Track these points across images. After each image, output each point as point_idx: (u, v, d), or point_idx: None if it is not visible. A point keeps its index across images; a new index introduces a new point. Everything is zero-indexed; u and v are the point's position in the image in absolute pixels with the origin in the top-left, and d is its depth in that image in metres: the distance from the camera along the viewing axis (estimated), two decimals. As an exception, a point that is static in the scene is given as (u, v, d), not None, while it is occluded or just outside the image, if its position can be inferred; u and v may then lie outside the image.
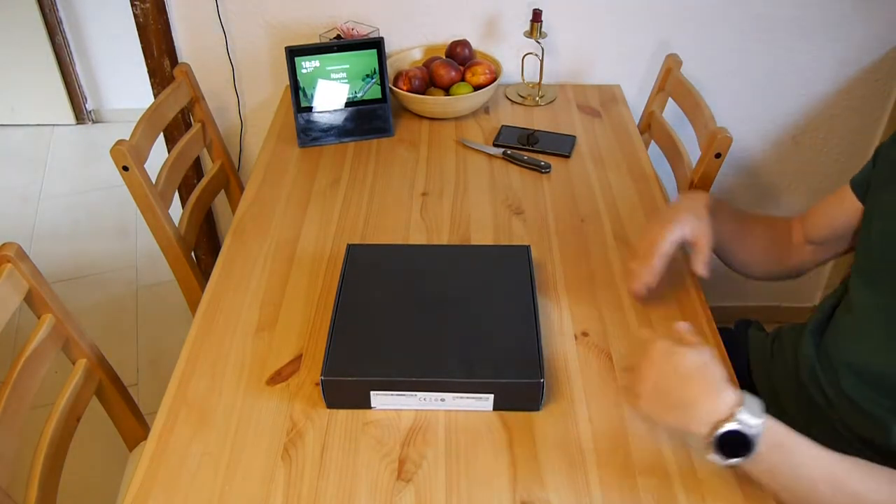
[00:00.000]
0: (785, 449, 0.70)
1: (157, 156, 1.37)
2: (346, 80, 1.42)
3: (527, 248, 1.05)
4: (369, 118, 1.45)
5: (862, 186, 0.99)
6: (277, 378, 0.93)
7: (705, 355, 0.74)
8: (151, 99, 1.47)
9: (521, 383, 0.85)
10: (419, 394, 0.86)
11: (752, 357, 1.15)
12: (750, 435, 0.69)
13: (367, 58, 1.41)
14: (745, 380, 1.13)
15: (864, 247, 0.95)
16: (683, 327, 0.79)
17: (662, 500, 0.78)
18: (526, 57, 1.62)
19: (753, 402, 0.71)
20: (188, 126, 1.65)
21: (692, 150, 1.39)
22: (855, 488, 0.69)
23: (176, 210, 1.36)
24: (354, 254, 1.04)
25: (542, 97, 1.59)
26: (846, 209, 1.01)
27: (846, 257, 1.07)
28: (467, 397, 0.86)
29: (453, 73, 1.49)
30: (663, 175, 1.56)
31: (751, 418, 0.69)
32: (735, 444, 0.70)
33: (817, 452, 0.70)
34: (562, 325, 1.01)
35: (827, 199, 1.07)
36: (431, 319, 0.93)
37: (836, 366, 0.92)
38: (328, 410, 0.88)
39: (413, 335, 0.91)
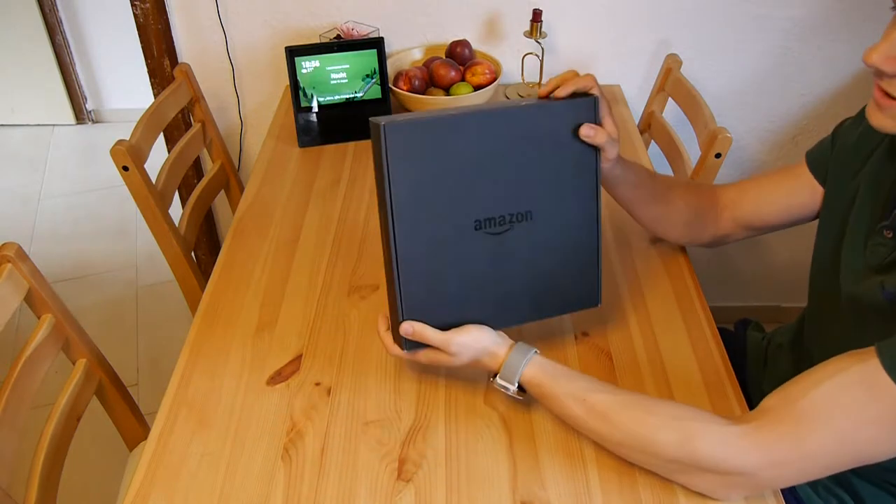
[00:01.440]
0: (544, 389, 0.81)
1: (157, 156, 1.38)
2: (346, 80, 1.42)
3: (594, 100, 0.85)
4: (369, 118, 1.45)
5: (821, 168, 0.95)
6: (277, 378, 0.93)
7: (464, 352, 0.83)
8: (151, 99, 1.47)
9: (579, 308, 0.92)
10: None
11: (748, 358, 1.15)
12: (510, 391, 0.83)
13: (367, 58, 1.41)
14: (745, 382, 1.12)
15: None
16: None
17: (662, 501, 0.78)
18: (526, 57, 1.62)
19: (512, 363, 0.82)
20: (188, 126, 1.65)
21: (692, 150, 1.39)
22: (615, 419, 0.77)
23: (176, 210, 1.36)
24: (395, 142, 0.77)
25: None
26: (803, 193, 0.97)
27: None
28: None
29: (453, 73, 1.49)
30: (663, 175, 1.56)
31: (505, 383, 0.82)
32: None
33: (575, 387, 0.80)
34: (562, 325, 1.01)
35: (776, 181, 1.01)
36: (495, 241, 0.84)
37: None
38: (328, 410, 0.88)
39: (479, 265, 0.84)
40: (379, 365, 0.95)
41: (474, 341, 0.82)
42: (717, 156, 1.28)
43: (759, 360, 1.12)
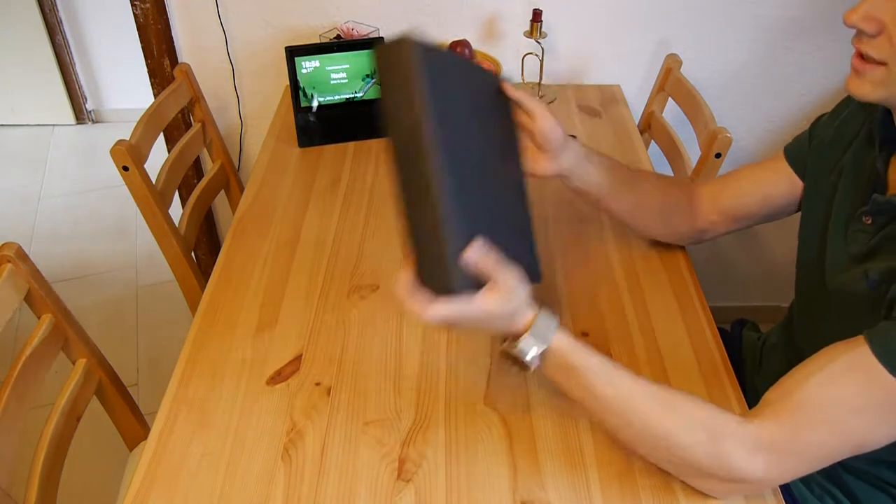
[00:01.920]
0: (571, 359, 0.76)
1: (157, 156, 1.38)
2: (346, 80, 1.42)
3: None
4: (369, 118, 1.45)
5: (799, 162, 0.96)
6: (277, 378, 0.93)
7: (514, 297, 0.73)
8: (151, 99, 1.47)
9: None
10: None
11: (744, 358, 1.15)
12: (527, 362, 0.76)
13: (367, 58, 1.41)
14: (743, 383, 1.12)
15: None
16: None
17: (662, 501, 0.78)
18: (526, 57, 1.62)
19: (543, 324, 0.75)
20: (188, 126, 1.65)
21: (692, 150, 1.39)
22: (637, 405, 0.74)
23: (176, 210, 1.36)
24: (433, 69, 0.68)
25: (542, 97, 1.59)
26: (781, 184, 0.97)
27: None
28: None
29: (453, 73, 1.49)
30: (663, 175, 1.56)
31: (532, 344, 0.75)
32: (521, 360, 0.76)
33: (599, 362, 0.75)
34: (562, 324, 1.01)
35: (754, 172, 1.01)
36: (489, 186, 0.80)
37: None
38: (328, 410, 0.88)
39: (483, 209, 0.77)
40: (379, 365, 0.95)
41: (521, 288, 0.74)
42: (718, 156, 1.28)
43: (755, 360, 1.12)
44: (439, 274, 0.69)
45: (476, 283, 0.71)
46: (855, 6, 0.70)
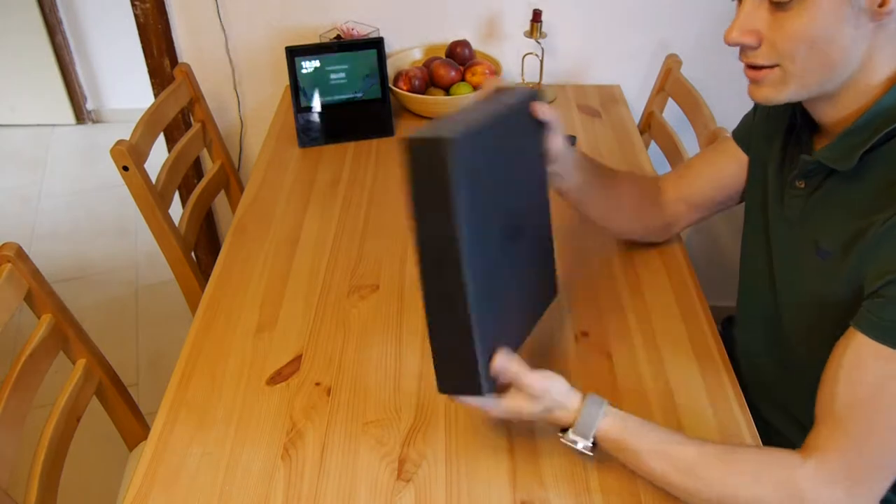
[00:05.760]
0: (623, 443, 0.76)
1: (157, 156, 1.37)
2: (346, 80, 1.42)
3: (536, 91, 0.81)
4: (369, 118, 1.45)
5: (745, 139, 0.98)
6: (277, 378, 0.93)
7: (544, 398, 0.76)
8: (151, 99, 1.47)
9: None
10: None
11: (739, 355, 1.15)
12: (578, 446, 0.77)
13: (367, 58, 1.41)
14: (742, 380, 1.12)
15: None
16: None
17: (662, 501, 0.78)
18: (526, 57, 1.62)
19: (588, 416, 0.76)
20: (188, 126, 1.65)
21: (692, 150, 1.39)
22: (703, 474, 0.73)
23: (176, 210, 1.36)
24: (461, 161, 0.63)
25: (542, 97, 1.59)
26: (731, 164, 0.99)
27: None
28: None
29: (453, 73, 1.49)
30: (663, 175, 1.56)
31: (579, 438, 0.76)
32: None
33: (655, 440, 0.76)
34: (562, 325, 1.01)
35: (705, 155, 1.04)
36: (512, 250, 0.78)
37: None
38: (328, 410, 0.88)
39: (509, 281, 0.78)
40: (379, 365, 0.95)
41: (553, 388, 0.76)
42: (717, 156, 1.28)
43: (752, 351, 1.12)
44: (468, 380, 0.73)
45: (501, 385, 0.76)
46: (729, 26, 0.73)
